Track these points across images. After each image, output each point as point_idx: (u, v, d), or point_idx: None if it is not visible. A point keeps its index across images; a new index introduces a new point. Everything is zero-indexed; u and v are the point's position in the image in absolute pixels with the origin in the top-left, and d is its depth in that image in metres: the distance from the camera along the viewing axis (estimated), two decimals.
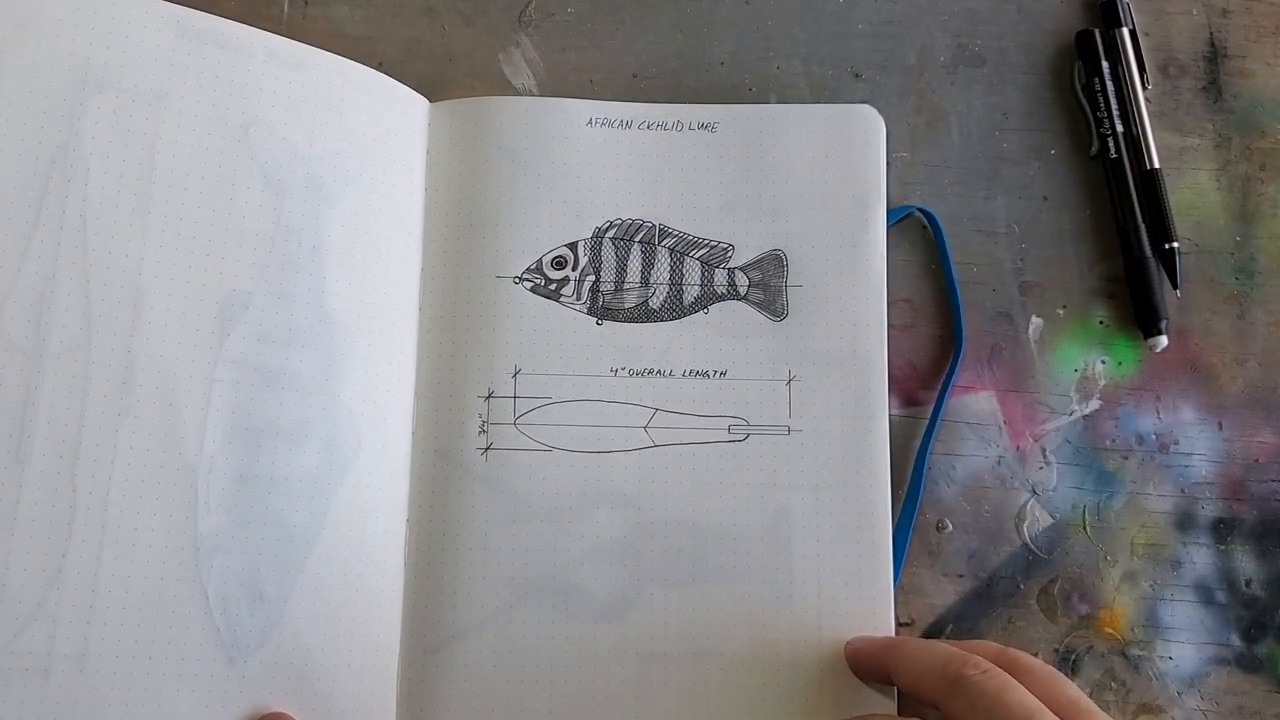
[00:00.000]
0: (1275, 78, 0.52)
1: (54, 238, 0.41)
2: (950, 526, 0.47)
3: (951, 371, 0.48)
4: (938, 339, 0.49)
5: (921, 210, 0.49)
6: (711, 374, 0.47)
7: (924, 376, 0.48)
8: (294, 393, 0.43)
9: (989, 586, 0.47)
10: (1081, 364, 0.49)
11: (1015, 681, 0.38)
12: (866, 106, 0.49)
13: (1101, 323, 0.49)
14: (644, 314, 0.48)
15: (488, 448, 0.46)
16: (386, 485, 0.45)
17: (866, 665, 0.44)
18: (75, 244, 0.42)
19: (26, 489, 0.39)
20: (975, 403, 0.48)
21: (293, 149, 0.45)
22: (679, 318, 0.48)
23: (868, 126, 0.49)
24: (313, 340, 0.44)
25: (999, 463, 0.48)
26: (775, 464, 0.46)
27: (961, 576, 0.47)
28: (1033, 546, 0.47)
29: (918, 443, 0.47)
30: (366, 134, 0.47)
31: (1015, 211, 0.50)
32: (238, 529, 0.42)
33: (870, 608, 0.45)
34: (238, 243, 0.44)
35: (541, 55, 0.51)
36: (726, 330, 0.47)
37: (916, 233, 0.50)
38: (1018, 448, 0.48)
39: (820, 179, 0.49)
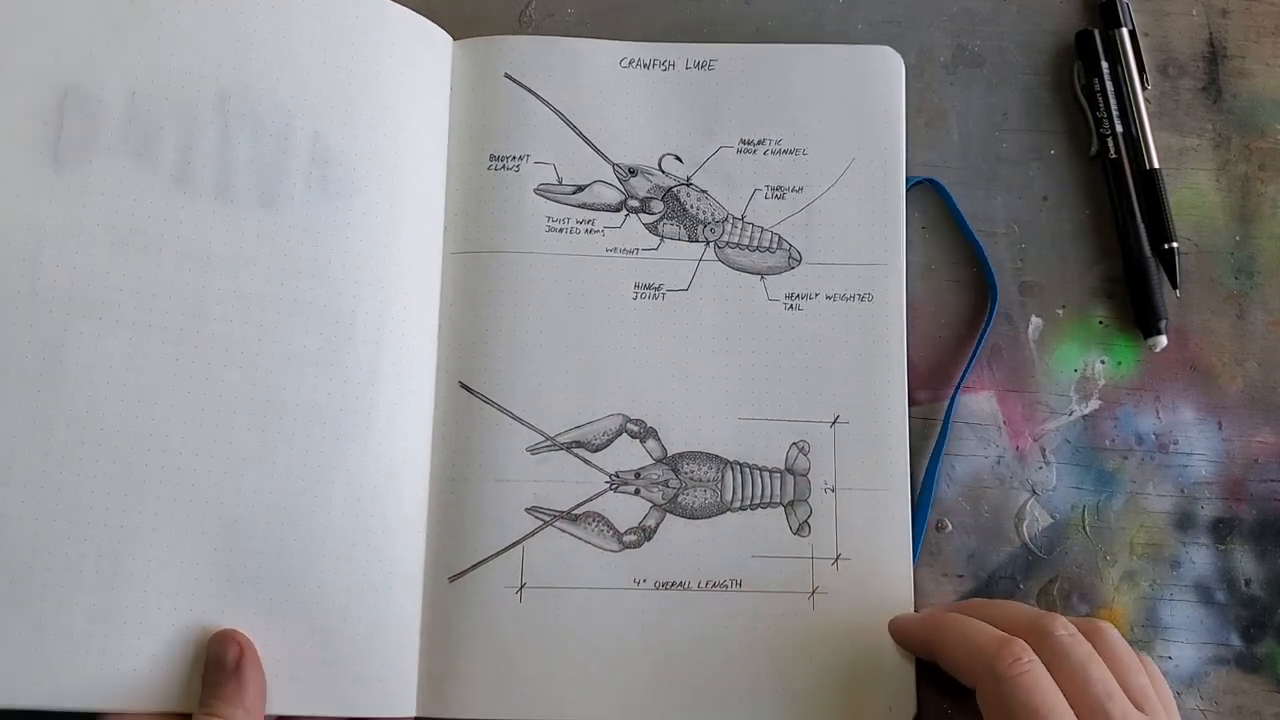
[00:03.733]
0: (1275, 78, 0.52)
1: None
2: (950, 526, 0.47)
3: (988, 321, 0.48)
4: (939, 339, 0.49)
5: (931, 181, 0.50)
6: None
7: (924, 376, 0.48)
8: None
9: (989, 586, 0.47)
10: (1081, 364, 0.49)
11: (1047, 678, 0.38)
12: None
13: (1101, 323, 0.49)
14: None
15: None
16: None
17: (911, 645, 0.44)
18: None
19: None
20: (975, 403, 0.48)
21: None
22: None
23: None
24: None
25: (999, 462, 0.48)
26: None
27: (961, 576, 0.47)
28: (1032, 546, 0.47)
29: (920, 441, 0.47)
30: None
31: (1015, 211, 0.50)
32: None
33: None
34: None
35: None
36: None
37: (915, 233, 0.50)
38: (1017, 448, 0.48)
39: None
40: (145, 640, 0.41)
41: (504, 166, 0.48)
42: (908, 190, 0.49)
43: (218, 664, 0.40)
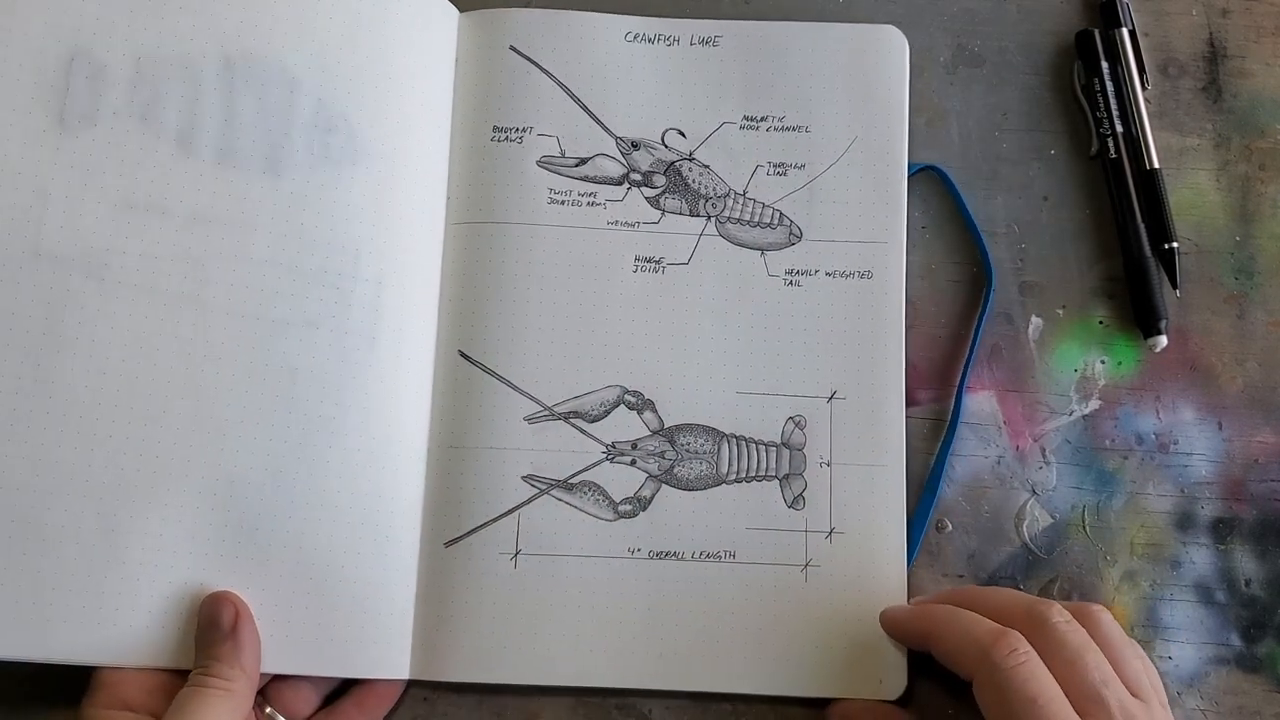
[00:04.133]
0: (1275, 78, 0.52)
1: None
2: (950, 526, 0.47)
3: (983, 310, 0.48)
4: (939, 339, 0.49)
5: (932, 168, 0.50)
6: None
7: (924, 376, 0.48)
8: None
9: (989, 586, 0.47)
10: (1081, 364, 0.49)
11: (1043, 668, 0.38)
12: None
13: (1101, 323, 0.49)
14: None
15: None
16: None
17: (903, 637, 0.44)
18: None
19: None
20: (975, 403, 0.48)
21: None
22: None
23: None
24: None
25: (999, 463, 0.48)
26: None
27: (961, 577, 0.47)
28: (1032, 546, 0.47)
29: (920, 441, 0.47)
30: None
31: (1015, 211, 0.50)
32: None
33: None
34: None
35: None
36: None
37: (915, 233, 0.50)
38: (1017, 448, 0.48)
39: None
40: (142, 598, 0.41)
41: (507, 138, 0.49)
42: (910, 177, 0.49)
43: (213, 625, 0.41)
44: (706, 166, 0.49)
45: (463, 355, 0.47)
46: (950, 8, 0.52)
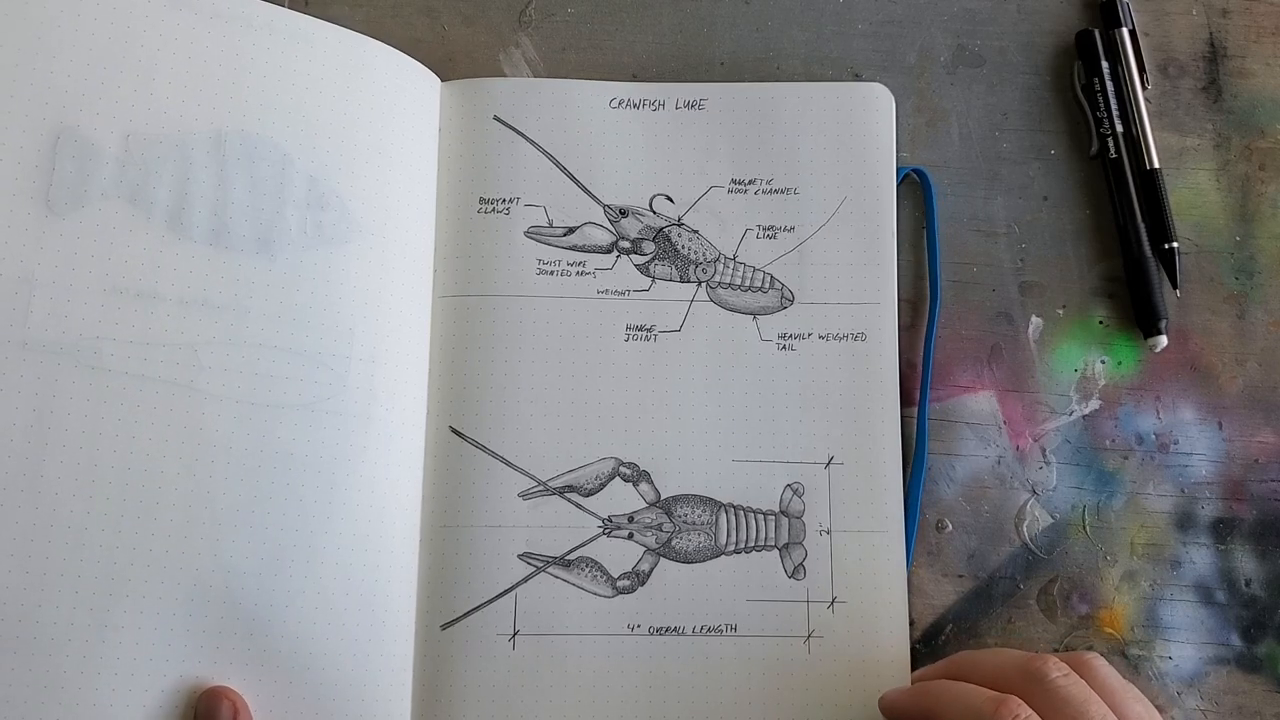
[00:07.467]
0: (1275, 78, 0.52)
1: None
2: (950, 526, 0.47)
3: (931, 324, 0.48)
4: (939, 339, 0.49)
5: (915, 170, 0.50)
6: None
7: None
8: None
9: (989, 586, 0.47)
10: (1081, 364, 0.49)
11: None
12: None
13: (1101, 323, 0.49)
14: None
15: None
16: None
17: (904, 717, 0.43)
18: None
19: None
20: (975, 403, 0.48)
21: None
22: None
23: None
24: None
25: (999, 463, 0.48)
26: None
27: (961, 577, 0.47)
28: (1032, 546, 0.47)
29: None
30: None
31: (1015, 211, 0.50)
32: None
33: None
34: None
35: (541, 55, 0.51)
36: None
37: (917, 233, 0.50)
38: (1017, 447, 0.48)
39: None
40: (137, 696, 0.40)
41: (494, 209, 0.48)
42: (899, 182, 0.49)
43: None
44: (696, 231, 0.48)
45: (454, 431, 0.46)
46: (950, 8, 0.52)
